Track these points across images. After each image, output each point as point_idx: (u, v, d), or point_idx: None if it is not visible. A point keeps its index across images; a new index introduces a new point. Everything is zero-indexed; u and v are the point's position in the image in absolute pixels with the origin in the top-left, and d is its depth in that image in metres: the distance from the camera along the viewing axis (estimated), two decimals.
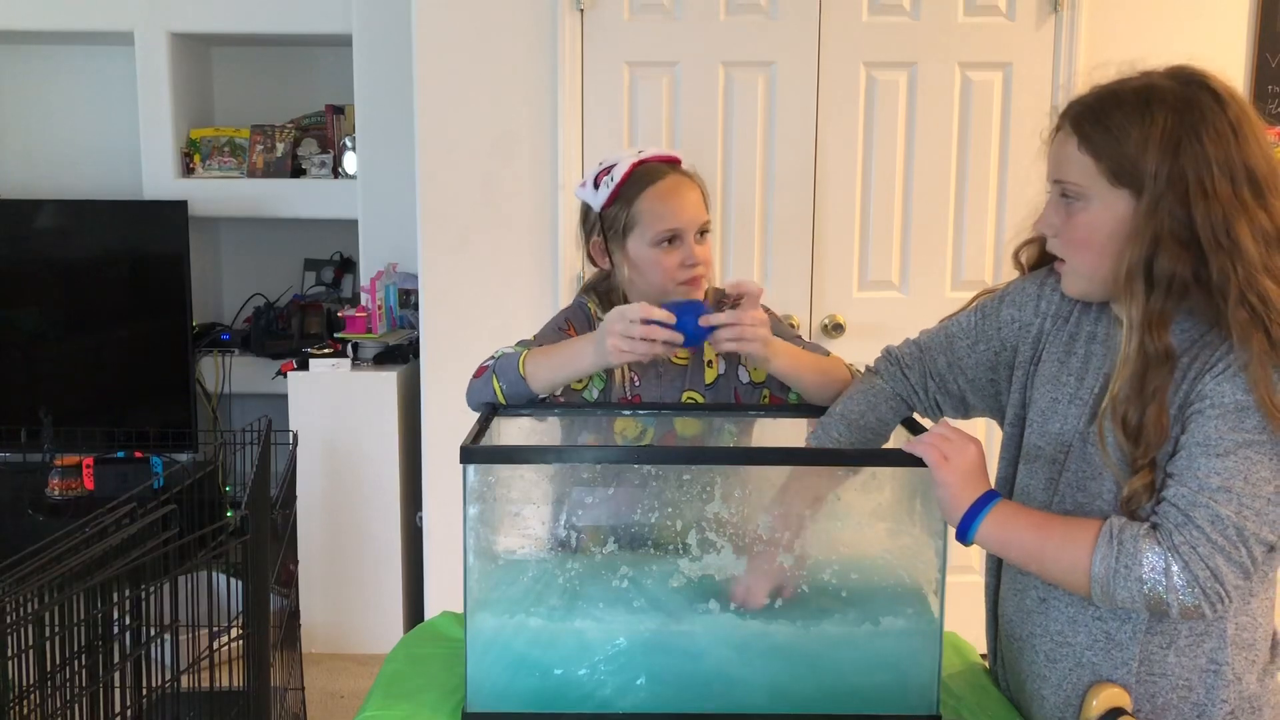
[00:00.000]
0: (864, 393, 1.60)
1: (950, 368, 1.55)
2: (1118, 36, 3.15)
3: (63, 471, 3.48)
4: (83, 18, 3.82)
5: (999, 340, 1.51)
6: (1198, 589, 1.22)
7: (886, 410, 1.58)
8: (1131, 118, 1.30)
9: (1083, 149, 1.32)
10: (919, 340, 1.61)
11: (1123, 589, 1.25)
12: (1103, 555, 1.25)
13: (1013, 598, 1.47)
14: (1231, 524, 1.22)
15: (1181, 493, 1.25)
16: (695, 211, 1.77)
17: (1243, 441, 1.24)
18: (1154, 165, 1.28)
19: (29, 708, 1.67)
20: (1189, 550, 1.22)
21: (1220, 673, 1.34)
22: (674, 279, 1.76)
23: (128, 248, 3.83)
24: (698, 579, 1.37)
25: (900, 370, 1.59)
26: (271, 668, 2.33)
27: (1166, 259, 1.27)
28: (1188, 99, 1.29)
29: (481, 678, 1.38)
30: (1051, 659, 1.40)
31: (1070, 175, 1.34)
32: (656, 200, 1.75)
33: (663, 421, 1.74)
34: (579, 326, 1.81)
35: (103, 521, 1.84)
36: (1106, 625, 1.36)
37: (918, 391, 1.58)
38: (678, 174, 1.79)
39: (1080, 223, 1.34)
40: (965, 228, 3.27)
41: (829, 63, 3.20)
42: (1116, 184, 1.31)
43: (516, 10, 3.19)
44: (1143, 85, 1.32)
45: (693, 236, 1.77)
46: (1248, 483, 1.23)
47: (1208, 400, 1.26)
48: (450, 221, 3.27)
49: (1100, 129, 1.31)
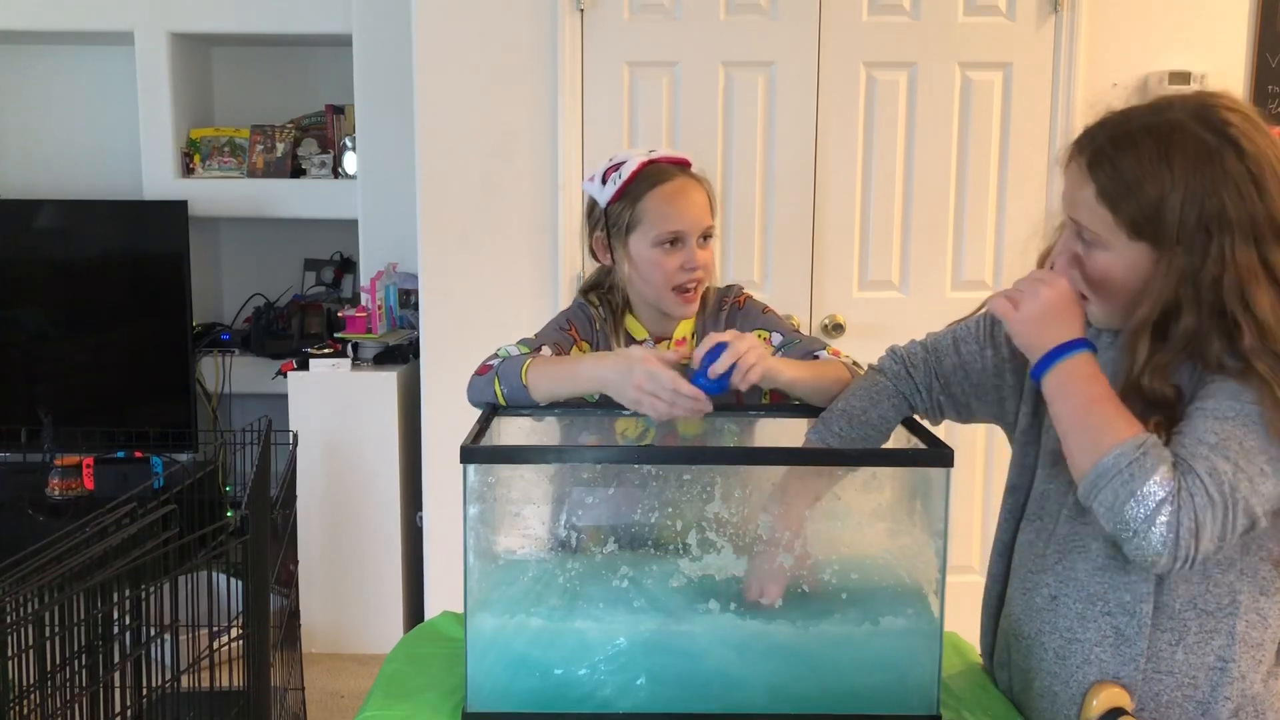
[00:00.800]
0: (867, 389, 1.60)
1: (956, 370, 1.55)
2: (1118, 36, 3.15)
3: (63, 471, 3.48)
4: (83, 18, 3.82)
5: (1008, 346, 1.51)
6: (1173, 536, 1.20)
7: (889, 408, 1.58)
8: (1149, 169, 1.27)
9: (1100, 200, 1.30)
10: (926, 341, 1.60)
11: (1109, 491, 1.24)
12: (1120, 453, 1.24)
13: (1021, 597, 1.47)
14: (1228, 480, 1.22)
15: (1183, 443, 1.25)
16: (700, 215, 1.77)
17: (1241, 410, 1.24)
18: (1174, 228, 1.26)
19: (29, 708, 1.67)
20: (1187, 498, 1.21)
21: (1226, 670, 1.34)
22: (673, 281, 1.76)
23: (128, 248, 3.83)
24: (698, 579, 1.37)
25: (905, 369, 1.59)
26: (271, 668, 2.33)
27: (1188, 319, 1.27)
28: (1208, 152, 1.26)
29: (481, 678, 1.38)
30: (1061, 656, 1.40)
31: (1087, 220, 1.33)
32: (662, 201, 1.75)
33: (664, 422, 1.73)
34: (580, 326, 1.81)
35: (103, 521, 1.84)
36: (1115, 620, 1.35)
37: (921, 391, 1.57)
38: (686, 176, 1.79)
39: (1098, 264, 1.33)
40: (965, 228, 3.27)
41: (829, 63, 3.20)
42: (1135, 238, 1.29)
43: (516, 10, 3.19)
44: (1163, 127, 1.29)
45: (695, 240, 1.77)
46: (1242, 448, 1.23)
47: (1214, 383, 1.28)
48: (450, 221, 3.27)
49: (1118, 181, 1.29)
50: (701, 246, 1.77)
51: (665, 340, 1.83)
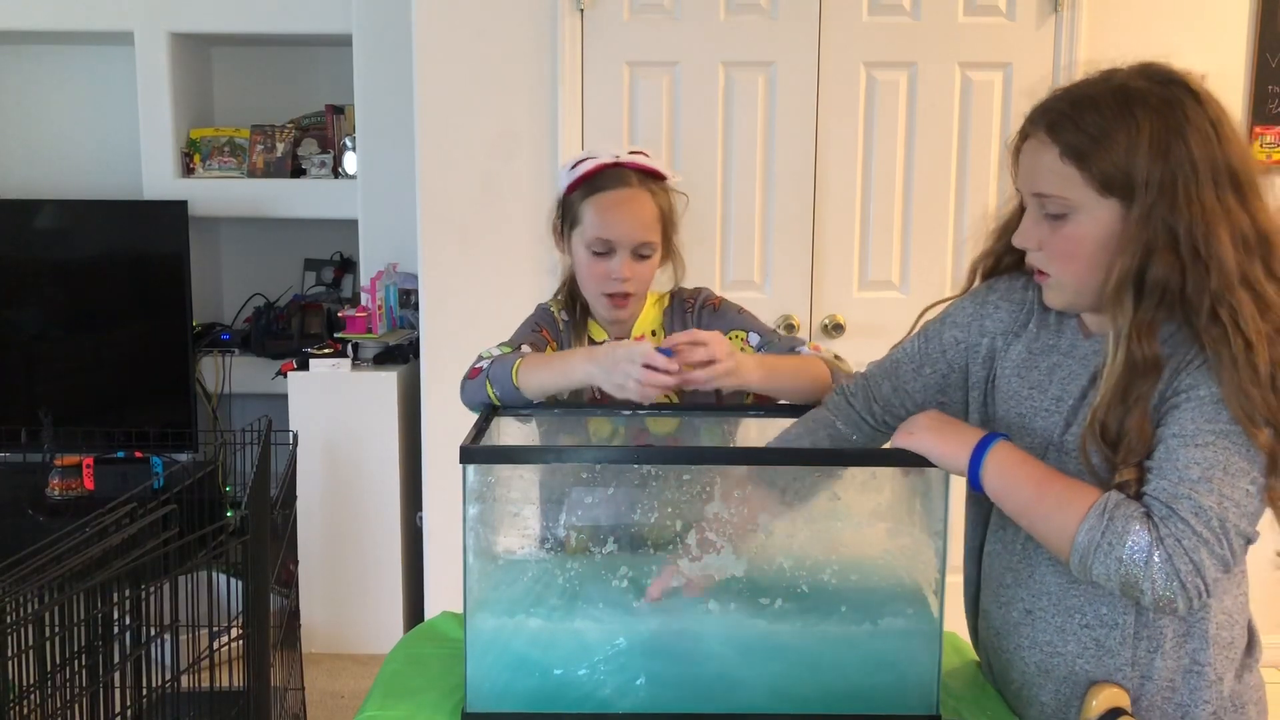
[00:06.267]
0: (805, 420, 1.59)
1: (896, 392, 1.53)
2: (1118, 36, 3.15)
3: (63, 471, 3.48)
4: (83, 18, 3.82)
5: (945, 363, 1.50)
6: (1176, 581, 1.20)
7: (823, 438, 1.56)
8: (1114, 122, 1.26)
9: (1065, 159, 1.29)
10: (866, 370, 1.60)
11: (1100, 565, 1.23)
12: (1090, 526, 1.23)
13: (997, 610, 1.47)
14: (1214, 515, 1.20)
15: (1162, 485, 1.23)
16: (634, 230, 1.76)
17: (1219, 432, 1.23)
18: (1144, 172, 1.25)
19: (29, 708, 1.67)
20: (1174, 543, 1.20)
21: (1202, 673, 1.34)
22: (599, 289, 1.79)
23: (128, 248, 3.83)
24: (697, 579, 1.37)
25: (845, 399, 1.58)
26: (271, 668, 2.33)
27: (1158, 268, 1.25)
28: (1168, 99, 1.26)
29: (481, 678, 1.38)
30: (1043, 669, 1.40)
31: (1052, 188, 1.30)
32: (600, 208, 1.76)
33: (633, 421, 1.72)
34: (550, 330, 1.85)
35: (103, 521, 1.84)
36: (1095, 633, 1.35)
37: (864, 418, 1.55)
38: (638, 188, 1.77)
39: (1066, 235, 1.31)
40: (965, 228, 3.27)
41: (829, 63, 3.20)
42: (1105, 193, 1.27)
43: (516, 10, 3.19)
44: (1119, 87, 1.29)
45: (627, 253, 1.77)
46: (1226, 473, 1.21)
47: (1184, 394, 1.26)
48: (450, 221, 3.27)
49: (1082, 136, 1.28)
50: (636, 259, 1.77)
51: (623, 340, 1.82)
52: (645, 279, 1.81)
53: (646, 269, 1.80)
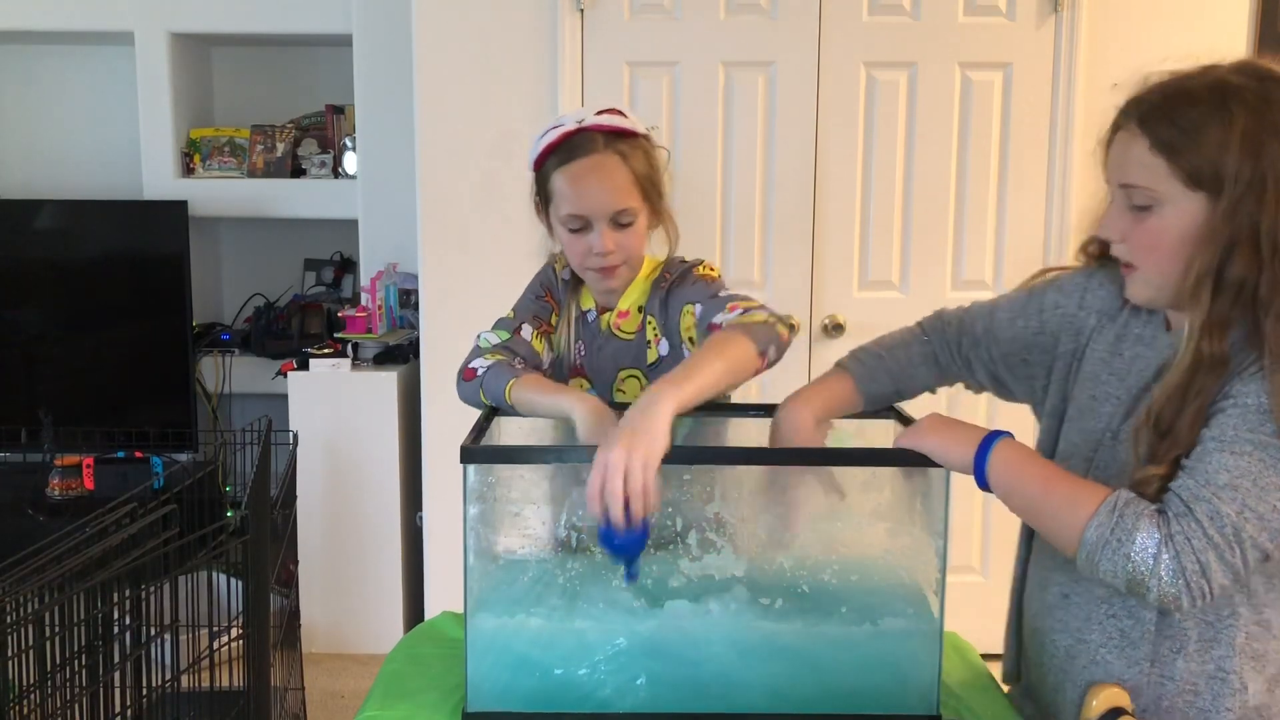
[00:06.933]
0: (903, 332, 1.62)
1: (986, 333, 1.55)
2: (1118, 36, 3.15)
3: (63, 471, 3.48)
4: (83, 18, 3.82)
5: (1039, 321, 1.51)
6: (1182, 580, 1.20)
7: (917, 354, 1.59)
8: (1209, 116, 1.25)
9: (1155, 151, 1.28)
10: (969, 305, 1.61)
11: (1108, 561, 1.23)
12: (1099, 523, 1.24)
13: (1037, 592, 1.47)
14: (1230, 523, 1.20)
15: (1188, 484, 1.23)
16: (607, 199, 1.65)
17: (1258, 443, 1.22)
18: (1234, 167, 1.24)
19: (29, 708, 1.67)
20: (1183, 541, 1.20)
21: (1227, 680, 1.33)
22: (583, 265, 1.71)
23: (128, 248, 3.82)
24: (698, 579, 1.37)
25: (941, 323, 1.60)
26: (271, 668, 2.33)
27: (1238, 265, 1.24)
28: (1265, 97, 1.25)
29: (481, 678, 1.38)
30: (1070, 655, 1.40)
31: (1139, 179, 1.30)
32: (567, 181, 1.67)
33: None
34: (553, 292, 1.80)
35: (103, 521, 1.84)
36: (1121, 623, 1.35)
37: (950, 346, 1.58)
38: (606, 152, 1.66)
39: (1149, 227, 1.31)
40: (965, 228, 3.27)
41: (829, 63, 3.20)
42: (1193, 187, 1.27)
43: (516, 10, 3.19)
44: (1215, 81, 1.28)
45: (605, 224, 1.66)
46: (1255, 485, 1.21)
47: (1232, 399, 1.25)
48: (450, 221, 3.27)
49: (1175, 129, 1.27)
50: (616, 228, 1.66)
51: (609, 311, 1.77)
52: (631, 246, 1.69)
53: (630, 236, 1.68)
